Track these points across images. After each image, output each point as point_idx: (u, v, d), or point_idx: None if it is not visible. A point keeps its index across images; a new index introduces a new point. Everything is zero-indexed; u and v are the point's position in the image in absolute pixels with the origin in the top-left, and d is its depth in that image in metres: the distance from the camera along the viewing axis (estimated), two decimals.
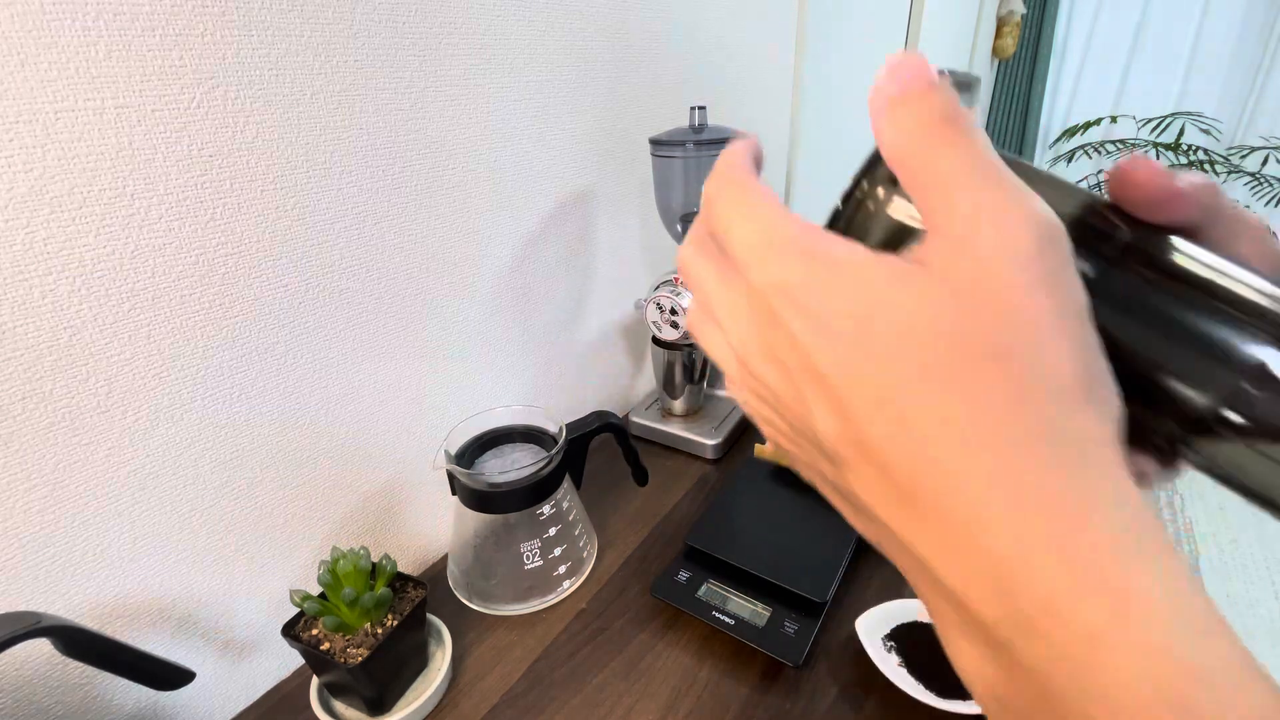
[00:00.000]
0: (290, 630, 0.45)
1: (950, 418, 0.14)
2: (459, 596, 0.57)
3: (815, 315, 0.15)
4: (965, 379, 0.14)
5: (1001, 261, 0.14)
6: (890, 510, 0.15)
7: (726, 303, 0.18)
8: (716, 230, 0.19)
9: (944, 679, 0.46)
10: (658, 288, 0.68)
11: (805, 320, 0.16)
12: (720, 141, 0.63)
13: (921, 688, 0.45)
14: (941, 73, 0.16)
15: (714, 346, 0.19)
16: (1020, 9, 2.83)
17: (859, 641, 0.48)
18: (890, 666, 0.46)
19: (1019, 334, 0.14)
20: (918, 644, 0.48)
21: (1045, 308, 0.14)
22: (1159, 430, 0.16)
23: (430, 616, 0.52)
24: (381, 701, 0.45)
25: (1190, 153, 2.41)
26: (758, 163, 0.20)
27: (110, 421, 0.39)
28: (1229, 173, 2.40)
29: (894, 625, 0.50)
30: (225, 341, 0.44)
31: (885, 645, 0.49)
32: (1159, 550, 0.13)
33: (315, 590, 0.46)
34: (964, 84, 0.17)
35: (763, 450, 0.71)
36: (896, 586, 0.56)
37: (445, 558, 0.61)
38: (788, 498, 0.62)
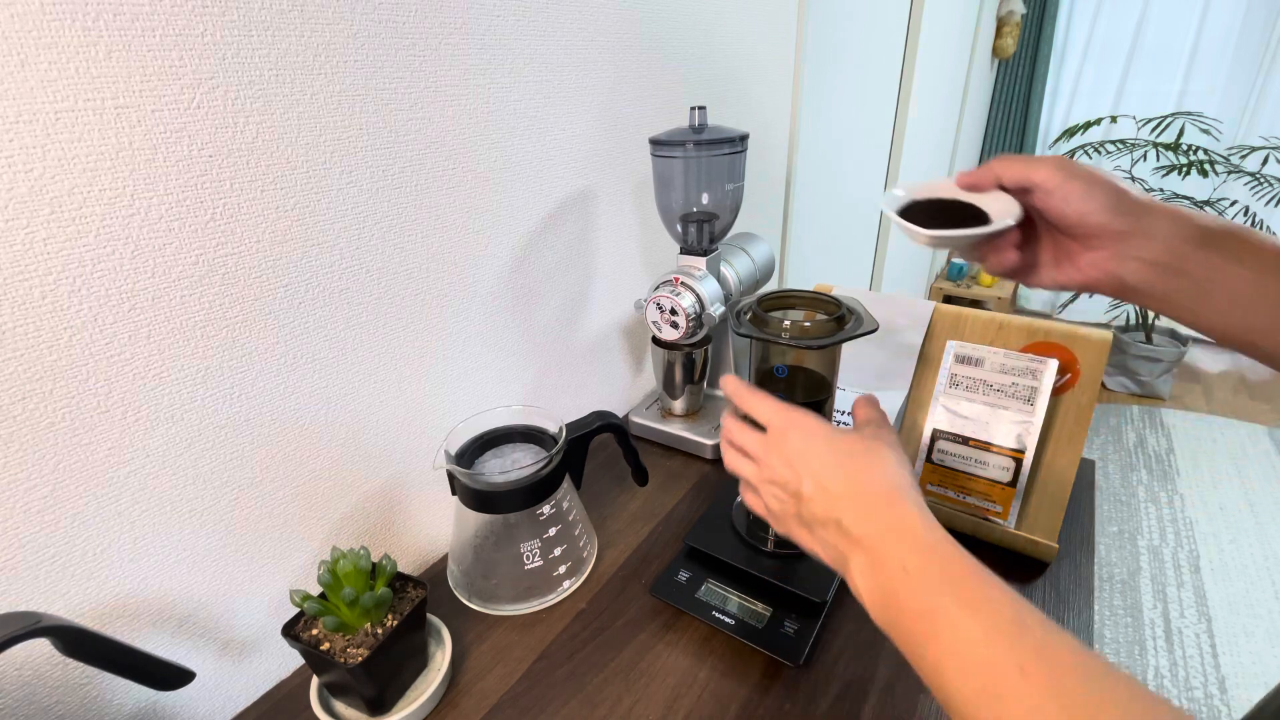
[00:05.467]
0: (290, 630, 0.45)
1: (849, 479, 0.37)
2: (459, 596, 0.57)
3: (813, 452, 0.38)
4: (850, 479, 0.36)
5: (878, 432, 0.39)
6: (828, 516, 0.36)
7: (756, 443, 0.41)
8: (757, 416, 0.41)
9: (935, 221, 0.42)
10: (658, 288, 0.68)
11: (807, 450, 0.38)
12: (720, 141, 0.63)
13: (913, 226, 0.42)
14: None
15: (743, 467, 0.42)
16: (1020, 9, 2.83)
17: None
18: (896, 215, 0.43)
19: (878, 451, 0.37)
20: (916, 213, 0.44)
21: (887, 443, 0.38)
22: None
23: (430, 616, 0.52)
24: (381, 701, 0.45)
25: (1190, 153, 2.40)
26: None
27: (110, 421, 0.39)
28: (1229, 173, 2.40)
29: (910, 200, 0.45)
30: (225, 341, 0.44)
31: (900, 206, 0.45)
32: (921, 508, 0.34)
33: (315, 590, 0.46)
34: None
35: None
36: None
37: (445, 558, 0.61)
38: None
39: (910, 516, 0.34)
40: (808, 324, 0.46)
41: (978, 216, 0.42)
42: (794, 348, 0.47)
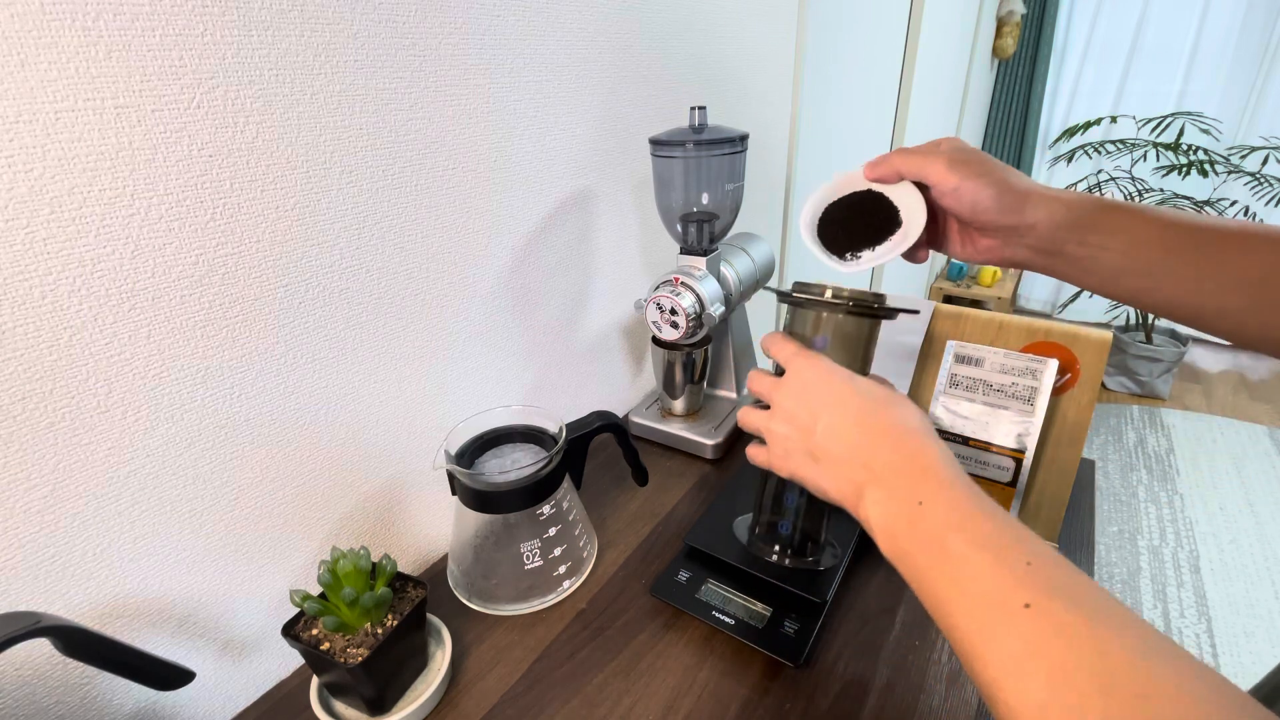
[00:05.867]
0: (290, 630, 0.45)
1: (872, 417, 0.37)
2: (459, 596, 0.57)
3: (831, 387, 0.40)
4: (867, 415, 0.37)
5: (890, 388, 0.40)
6: (847, 454, 0.37)
7: (770, 385, 0.42)
8: (781, 360, 0.43)
9: (843, 244, 0.49)
10: (658, 288, 0.68)
11: (824, 386, 0.40)
12: (720, 142, 0.63)
13: (833, 256, 0.49)
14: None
15: (753, 417, 0.43)
16: (1020, 9, 2.83)
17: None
18: (813, 240, 0.49)
19: (899, 396, 0.39)
20: (833, 220, 0.50)
21: (898, 396, 0.39)
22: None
23: (430, 616, 0.52)
24: (381, 701, 0.45)
25: (1190, 153, 2.40)
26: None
27: (110, 421, 0.39)
28: (1229, 173, 2.40)
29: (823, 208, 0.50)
30: (225, 341, 0.44)
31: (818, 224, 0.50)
32: (942, 449, 0.35)
33: (315, 590, 0.46)
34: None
35: None
36: (896, 588, 0.56)
37: (445, 558, 0.61)
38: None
39: (930, 454, 0.34)
40: (848, 294, 0.45)
41: (888, 210, 0.47)
42: (840, 312, 0.45)
